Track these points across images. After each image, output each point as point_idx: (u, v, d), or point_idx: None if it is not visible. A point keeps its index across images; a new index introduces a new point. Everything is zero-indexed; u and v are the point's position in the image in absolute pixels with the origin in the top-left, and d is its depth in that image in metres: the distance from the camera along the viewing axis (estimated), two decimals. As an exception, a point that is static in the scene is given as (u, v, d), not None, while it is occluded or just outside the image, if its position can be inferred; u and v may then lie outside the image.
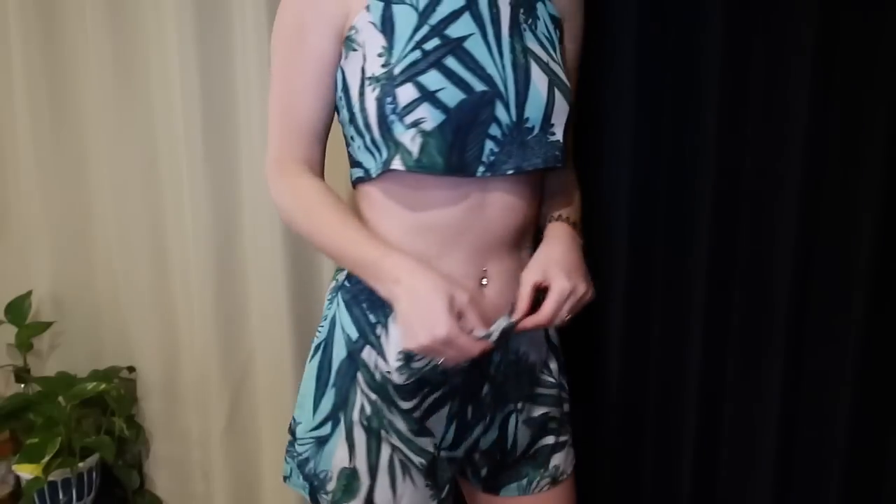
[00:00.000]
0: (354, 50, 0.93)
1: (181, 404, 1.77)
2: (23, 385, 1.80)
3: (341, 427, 0.99)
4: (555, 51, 0.97)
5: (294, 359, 1.59)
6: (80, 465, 1.67)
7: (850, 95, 1.07)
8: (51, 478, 1.64)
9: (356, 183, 1.01)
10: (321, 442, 1.00)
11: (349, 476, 0.99)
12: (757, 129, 1.16)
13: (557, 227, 1.01)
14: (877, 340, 1.10)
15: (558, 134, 0.95)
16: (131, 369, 1.80)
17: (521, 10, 0.96)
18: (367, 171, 0.96)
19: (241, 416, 1.70)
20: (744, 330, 1.22)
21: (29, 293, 1.78)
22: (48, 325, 1.79)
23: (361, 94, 0.92)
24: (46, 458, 1.60)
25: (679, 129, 1.24)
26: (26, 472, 1.63)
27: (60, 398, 1.68)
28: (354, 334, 0.98)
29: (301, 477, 1.03)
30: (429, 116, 0.89)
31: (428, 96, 0.88)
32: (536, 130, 0.93)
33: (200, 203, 1.59)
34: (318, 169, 1.01)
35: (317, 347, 1.02)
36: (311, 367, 1.03)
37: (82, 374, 1.77)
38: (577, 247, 1.00)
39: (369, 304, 0.97)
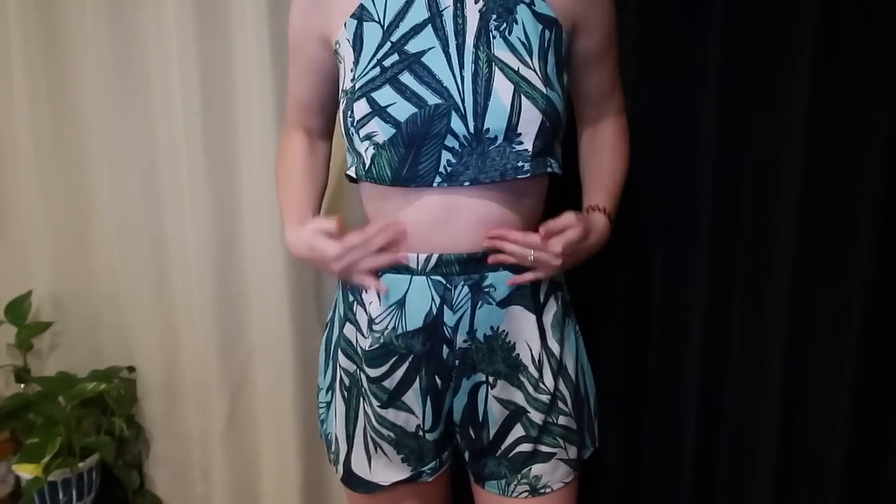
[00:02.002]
0: (340, 62, 1.03)
1: (181, 404, 1.77)
2: (23, 385, 1.80)
3: (335, 397, 1.12)
4: (531, 56, 0.96)
5: (294, 359, 1.59)
6: (80, 465, 1.67)
7: (850, 92, 1.07)
8: (51, 478, 1.63)
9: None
10: (329, 407, 1.15)
11: (336, 442, 1.13)
12: (758, 127, 1.16)
13: (593, 220, 1.06)
14: (877, 340, 1.10)
15: (527, 142, 0.95)
16: (131, 369, 1.80)
17: (494, 17, 0.96)
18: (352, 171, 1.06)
19: (241, 416, 1.70)
20: (744, 330, 1.22)
21: (29, 293, 1.78)
22: (48, 325, 1.78)
23: (340, 104, 1.02)
24: (46, 458, 1.60)
25: (679, 127, 1.24)
26: (26, 472, 1.63)
27: (60, 398, 1.67)
28: (342, 312, 1.10)
29: (323, 436, 1.18)
30: (380, 130, 0.95)
31: (379, 111, 0.94)
32: (500, 140, 0.94)
33: (200, 203, 1.59)
34: (318, 132, 1.19)
35: (325, 325, 1.18)
36: (322, 342, 1.18)
37: (82, 374, 1.77)
38: (603, 240, 1.06)
39: (351, 284, 1.06)
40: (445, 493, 1.19)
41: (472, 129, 0.94)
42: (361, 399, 1.07)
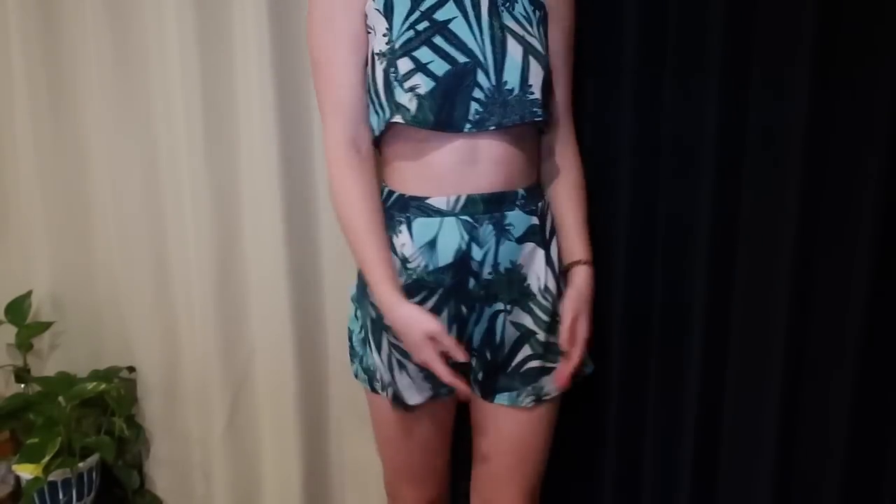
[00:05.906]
0: (368, 32, 1.16)
1: (181, 404, 1.77)
2: (23, 385, 1.80)
3: (366, 329, 1.24)
4: (531, 26, 1.15)
5: (294, 359, 1.59)
6: (80, 465, 1.67)
7: (851, 95, 1.07)
8: (51, 478, 1.64)
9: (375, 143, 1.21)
10: (365, 342, 1.25)
11: (380, 370, 1.23)
12: (758, 127, 1.16)
13: (580, 281, 1.21)
14: (877, 341, 1.10)
15: (537, 93, 1.14)
16: (131, 369, 1.80)
17: None
18: (373, 130, 1.17)
19: (242, 416, 1.70)
20: (744, 331, 1.22)
21: (29, 293, 1.78)
22: (48, 325, 1.79)
23: (373, 66, 1.15)
24: (46, 458, 1.60)
25: (679, 127, 1.24)
26: (26, 472, 1.63)
27: (60, 398, 1.68)
28: None
29: (360, 371, 1.28)
30: (422, 83, 1.11)
31: (421, 67, 1.11)
32: (516, 91, 1.12)
33: (201, 203, 1.59)
34: (367, 146, 1.21)
35: (358, 274, 1.27)
36: (354, 288, 1.29)
37: (82, 374, 1.77)
38: (593, 285, 1.22)
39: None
40: (454, 414, 1.33)
41: (493, 83, 1.12)
42: (384, 332, 1.20)
